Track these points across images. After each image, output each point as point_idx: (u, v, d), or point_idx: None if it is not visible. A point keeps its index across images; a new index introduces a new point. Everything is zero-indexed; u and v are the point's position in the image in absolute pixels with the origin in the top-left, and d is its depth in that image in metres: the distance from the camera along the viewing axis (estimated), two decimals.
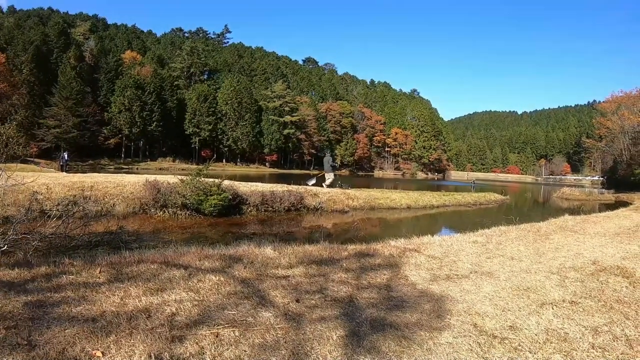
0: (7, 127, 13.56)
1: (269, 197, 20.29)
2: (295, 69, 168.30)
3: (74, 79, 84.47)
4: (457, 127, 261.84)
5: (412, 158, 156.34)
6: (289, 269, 6.43)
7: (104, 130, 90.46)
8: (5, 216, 13.00)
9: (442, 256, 7.85)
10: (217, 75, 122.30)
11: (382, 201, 24.61)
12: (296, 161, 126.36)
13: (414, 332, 4.19)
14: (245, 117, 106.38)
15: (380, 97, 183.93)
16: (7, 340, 3.64)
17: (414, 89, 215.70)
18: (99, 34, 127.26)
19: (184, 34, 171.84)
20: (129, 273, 5.95)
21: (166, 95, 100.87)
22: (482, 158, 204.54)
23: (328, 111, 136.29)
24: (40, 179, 17.94)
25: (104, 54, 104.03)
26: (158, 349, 3.57)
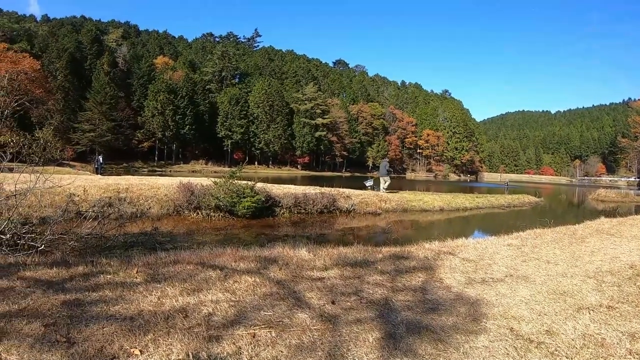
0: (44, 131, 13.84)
1: (302, 199, 20.32)
2: (326, 71, 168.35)
3: (107, 85, 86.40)
4: (489, 127, 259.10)
5: (444, 159, 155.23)
6: (324, 271, 6.43)
7: (138, 134, 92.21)
8: (43, 217, 13.28)
9: (477, 259, 7.78)
10: (248, 78, 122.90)
11: (414, 203, 24.46)
12: (328, 163, 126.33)
13: (450, 335, 4.16)
14: (277, 120, 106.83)
15: (411, 99, 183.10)
16: (46, 337, 3.72)
17: (446, 90, 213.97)
18: (131, 40, 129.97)
19: (214, 38, 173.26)
20: (165, 273, 6.02)
21: (198, 99, 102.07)
22: (515, 159, 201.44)
23: (359, 113, 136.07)
24: (76, 181, 18.27)
25: (137, 60, 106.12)
26: (195, 348, 3.61)
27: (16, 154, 12.51)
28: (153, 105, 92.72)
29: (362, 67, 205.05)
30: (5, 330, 3.85)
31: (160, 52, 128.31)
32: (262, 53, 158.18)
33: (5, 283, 5.32)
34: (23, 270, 6.02)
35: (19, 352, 3.44)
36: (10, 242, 9.74)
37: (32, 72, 66.10)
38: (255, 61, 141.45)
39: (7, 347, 3.50)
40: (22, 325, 3.98)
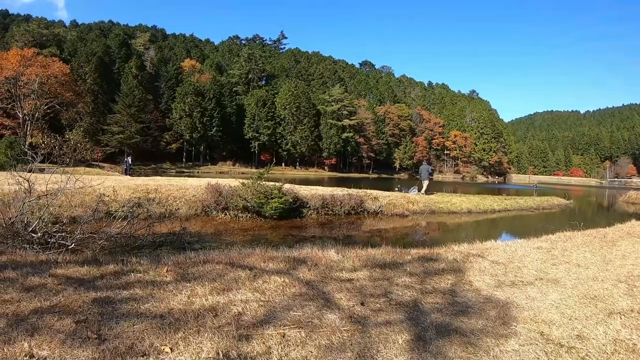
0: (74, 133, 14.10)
1: (329, 201, 20.33)
2: (352, 72, 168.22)
3: (136, 87, 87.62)
4: (517, 128, 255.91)
5: (471, 161, 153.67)
6: (353, 272, 6.44)
7: (166, 136, 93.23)
8: (73, 216, 13.49)
9: (507, 262, 7.73)
10: (275, 80, 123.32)
11: (442, 205, 24.29)
12: (355, 165, 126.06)
13: (479, 339, 4.15)
14: (304, 121, 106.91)
15: (438, 99, 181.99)
16: (77, 334, 3.80)
17: (473, 90, 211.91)
18: (158, 43, 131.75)
19: (241, 41, 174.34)
20: (195, 273, 6.08)
21: (225, 101, 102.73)
22: (544, 160, 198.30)
23: (386, 114, 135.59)
24: (106, 182, 18.56)
25: (164, 63, 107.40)
26: (225, 347, 3.64)
27: (47, 155, 12.76)
28: (181, 107, 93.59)
29: (388, 68, 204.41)
30: (37, 325, 3.94)
31: (187, 55, 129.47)
32: (288, 55, 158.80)
33: (37, 280, 5.44)
34: (54, 267, 6.14)
35: (50, 348, 3.51)
36: (41, 240, 9.95)
37: (61, 75, 67.26)
38: (282, 63, 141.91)
39: (38, 342, 3.58)
40: (53, 321, 4.07)
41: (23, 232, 10.06)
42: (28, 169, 12.15)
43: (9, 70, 61.43)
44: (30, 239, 9.94)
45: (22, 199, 10.88)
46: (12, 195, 11.76)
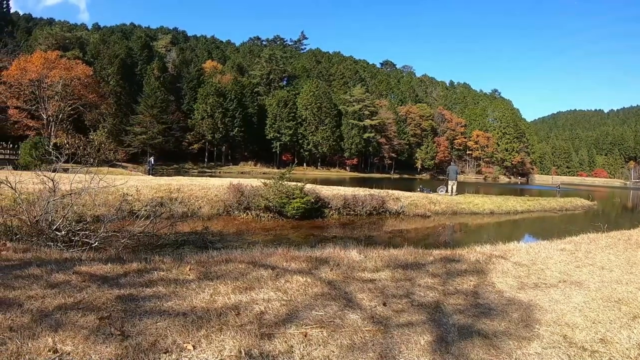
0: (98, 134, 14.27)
1: (351, 201, 20.35)
2: (373, 72, 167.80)
3: (158, 89, 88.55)
4: (540, 127, 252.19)
5: (494, 161, 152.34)
6: (375, 273, 6.42)
7: (188, 136, 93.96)
8: (96, 215, 13.63)
9: (530, 264, 7.66)
10: (296, 80, 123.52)
11: (464, 206, 24.18)
12: (376, 165, 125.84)
13: (502, 341, 4.12)
14: (325, 122, 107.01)
15: (460, 99, 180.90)
16: (101, 330, 3.83)
17: (495, 89, 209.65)
18: (179, 45, 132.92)
19: (261, 42, 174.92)
20: (217, 271, 6.10)
21: (247, 101, 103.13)
22: (567, 161, 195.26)
23: (407, 114, 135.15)
24: (129, 181, 18.68)
25: (186, 64, 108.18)
26: (248, 345, 3.65)
27: (72, 156, 12.93)
28: (203, 108, 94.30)
29: (409, 68, 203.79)
30: (61, 321, 3.98)
31: (208, 56, 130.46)
32: (309, 55, 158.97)
33: (62, 277, 5.51)
34: (78, 265, 6.21)
35: (74, 343, 3.55)
36: (65, 238, 10.10)
37: (85, 77, 67.99)
38: (303, 63, 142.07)
39: (62, 338, 3.62)
40: (77, 317, 4.11)
41: (47, 230, 10.22)
42: (52, 168, 12.33)
43: (33, 73, 62.19)
44: (55, 237, 10.09)
45: (46, 198, 11.04)
46: (37, 195, 11.92)
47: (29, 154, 35.87)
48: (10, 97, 64.32)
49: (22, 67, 63.19)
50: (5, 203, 13.59)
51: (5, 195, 14.38)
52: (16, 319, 4.02)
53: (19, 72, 62.79)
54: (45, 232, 10.16)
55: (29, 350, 3.38)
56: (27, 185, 12.24)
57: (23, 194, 11.74)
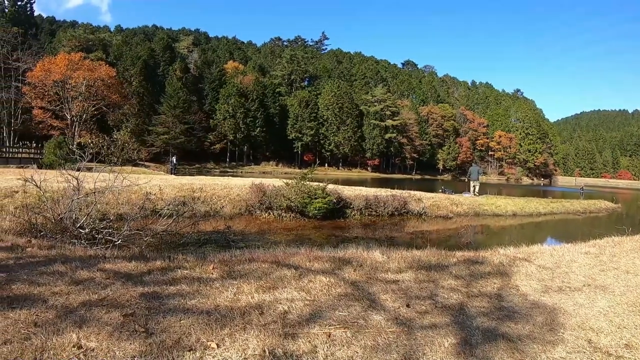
0: (122, 133, 14.45)
1: (373, 201, 20.32)
2: (395, 72, 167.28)
3: (180, 89, 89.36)
4: (563, 128, 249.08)
5: (516, 162, 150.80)
6: (398, 274, 6.41)
7: (210, 136, 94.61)
8: (120, 213, 13.79)
9: (554, 267, 7.58)
10: (317, 81, 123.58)
11: (486, 207, 24.02)
12: (398, 165, 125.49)
13: (526, 345, 4.09)
14: (347, 122, 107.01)
15: (482, 99, 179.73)
16: (125, 327, 3.87)
17: (517, 89, 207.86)
18: (201, 46, 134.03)
19: (282, 42, 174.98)
20: (241, 271, 6.13)
21: (268, 102, 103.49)
22: (590, 162, 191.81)
23: (429, 114, 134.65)
24: (152, 181, 18.87)
25: (208, 65, 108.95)
26: (271, 345, 3.67)
27: (95, 155, 13.08)
28: (224, 108, 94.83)
29: (431, 68, 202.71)
30: (85, 317, 4.04)
31: (230, 57, 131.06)
32: (330, 56, 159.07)
33: (86, 274, 5.59)
34: (103, 262, 6.30)
35: (98, 339, 3.59)
36: (88, 236, 10.25)
37: (108, 78, 68.78)
38: (324, 64, 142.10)
39: (86, 334, 3.67)
40: (101, 314, 4.17)
41: (71, 227, 10.37)
42: (76, 167, 12.47)
43: (57, 74, 63.05)
44: (78, 234, 10.24)
45: (70, 196, 11.19)
46: (61, 193, 12.08)
47: (53, 153, 36.35)
48: (35, 97, 65.60)
49: (46, 69, 64.18)
50: (30, 201, 13.83)
51: (30, 193, 14.62)
52: (41, 314, 4.09)
53: (43, 73, 63.78)
54: (69, 230, 10.30)
55: (54, 346, 3.44)
56: (51, 183, 12.41)
57: (47, 192, 11.91)
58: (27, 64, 67.03)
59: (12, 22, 77.09)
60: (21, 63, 66.86)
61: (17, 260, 6.30)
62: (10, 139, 66.03)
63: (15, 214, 12.84)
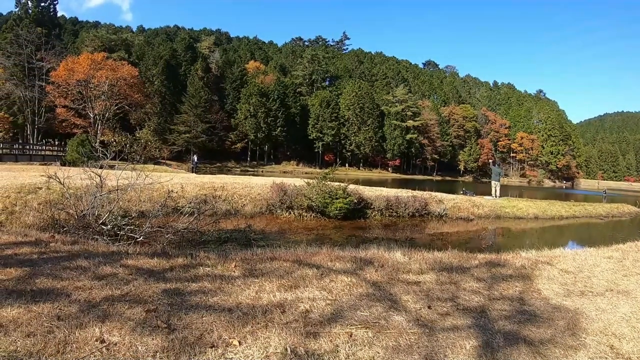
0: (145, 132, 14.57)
1: (394, 202, 20.27)
2: (416, 72, 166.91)
3: (201, 89, 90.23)
4: (586, 130, 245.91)
5: (538, 164, 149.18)
6: (420, 275, 6.40)
7: (231, 135, 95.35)
8: (141, 211, 13.93)
9: (576, 271, 7.50)
10: (338, 81, 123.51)
11: (508, 210, 23.82)
12: (419, 166, 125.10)
13: (547, 349, 4.07)
14: (368, 122, 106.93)
15: (504, 100, 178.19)
16: (147, 322, 3.93)
17: (540, 90, 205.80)
18: (223, 46, 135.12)
19: (303, 42, 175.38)
20: (262, 269, 6.17)
21: (289, 101, 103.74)
22: (614, 165, 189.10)
23: (450, 115, 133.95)
24: (174, 179, 19.01)
25: (229, 65, 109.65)
26: (293, 343, 3.69)
27: (118, 153, 13.22)
28: (246, 108, 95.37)
29: (452, 68, 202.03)
30: (108, 312, 4.12)
31: (251, 57, 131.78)
32: (351, 56, 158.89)
33: (109, 269, 5.68)
34: (125, 258, 6.38)
35: (121, 334, 3.66)
36: (110, 232, 10.41)
37: (130, 78, 69.80)
38: (345, 64, 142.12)
39: (109, 329, 3.74)
40: (124, 309, 4.24)
41: (94, 224, 10.51)
42: (99, 165, 12.62)
43: (81, 74, 64.07)
44: (101, 230, 10.38)
45: (93, 193, 11.35)
46: (84, 190, 12.21)
47: (75, 150, 36.84)
48: (58, 96, 66.93)
49: (70, 68, 65.42)
50: (54, 197, 14.01)
51: (54, 189, 14.82)
52: (64, 308, 4.17)
53: (67, 72, 65.05)
54: (91, 226, 10.44)
55: (77, 339, 3.50)
56: (74, 180, 12.55)
57: (70, 189, 12.05)
58: (51, 63, 68.48)
59: (35, 22, 78.02)
60: (45, 63, 68.37)
61: (40, 255, 6.40)
62: (33, 136, 67.37)
63: (39, 210, 13.04)
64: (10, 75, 67.21)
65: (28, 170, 23.60)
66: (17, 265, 5.60)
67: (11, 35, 71.26)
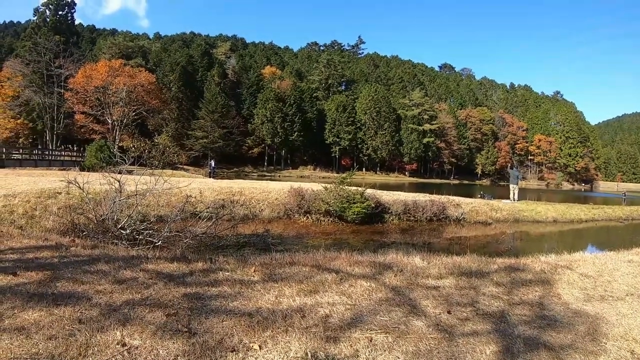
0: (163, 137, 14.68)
1: (411, 206, 20.23)
2: (432, 75, 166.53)
3: (218, 94, 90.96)
4: (605, 131, 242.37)
5: (556, 167, 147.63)
6: (439, 280, 6.39)
7: (248, 140, 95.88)
8: (160, 215, 14.05)
9: (596, 275, 7.42)
10: (354, 85, 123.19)
11: (526, 213, 23.66)
12: (436, 170, 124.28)
13: (568, 354, 4.06)
14: (384, 126, 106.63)
15: (521, 102, 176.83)
16: (168, 326, 3.98)
17: (557, 91, 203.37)
18: (239, 52, 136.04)
19: (319, 47, 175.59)
20: (282, 274, 6.21)
21: (306, 106, 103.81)
22: (633, 166, 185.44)
23: (467, 118, 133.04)
24: (192, 184, 19.11)
25: (245, 70, 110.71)
26: (313, 348, 3.71)
27: (137, 158, 13.33)
28: (262, 113, 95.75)
29: (468, 70, 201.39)
30: (128, 316, 4.18)
31: (267, 62, 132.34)
32: (366, 60, 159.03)
33: (129, 273, 5.78)
34: (145, 262, 6.51)
35: (142, 338, 3.71)
36: (129, 236, 10.51)
37: (147, 84, 70.39)
38: (361, 68, 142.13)
39: (130, 332, 3.80)
40: (144, 313, 4.31)
41: (113, 228, 10.63)
42: (117, 170, 12.75)
43: (99, 80, 64.80)
44: (120, 235, 10.48)
45: (112, 198, 11.48)
46: (103, 195, 12.34)
47: (94, 156, 37.32)
48: (77, 102, 67.84)
49: (88, 75, 66.26)
50: (73, 202, 14.17)
51: (73, 194, 14.99)
52: (85, 312, 4.24)
53: (85, 79, 65.89)
54: (111, 230, 10.55)
55: (98, 343, 3.57)
56: (93, 185, 12.70)
57: (90, 193, 12.18)
58: (69, 70, 69.41)
59: (53, 30, 79.14)
60: (63, 70, 69.34)
61: (61, 259, 6.50)
62: (52, 142, 68.29)
63: (59, 214, 13.19)
64: (30, 82, 68.28)
65: (47, 176, 23.90)
66: (38, 269, 5.70)
67: (30, 43, 72.59)
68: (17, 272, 5.43)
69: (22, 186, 17.03)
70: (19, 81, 67.80)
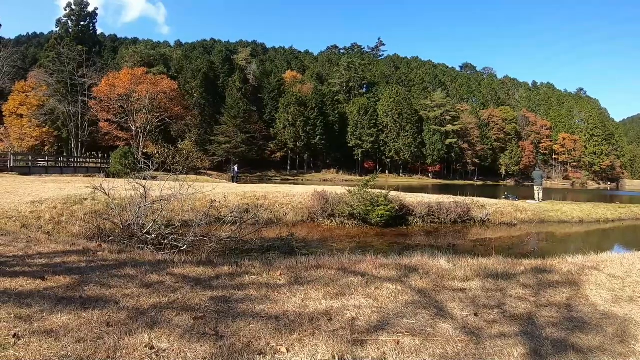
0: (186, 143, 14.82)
1: (436, 208, 20.15)
2: (453, 76, 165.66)
3: (240, 100, 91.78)
4: (630, 128, 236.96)
5: (581, 166, 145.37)
6: (465, 282, 6.36)
7: (270, 145, 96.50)
8: (184, 220, 14.15)
9: (624, 276, 7.30)
10: (376, 87, 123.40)
11: (552, 214, 23.39)
12: (459, 171, 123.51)
13: (596, 356, 4.01)
14: (407, 128, 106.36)
15: (544, 100, 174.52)
16: (196, 329, 4.04)
17: (580, 88, 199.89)
18: (259, 57, 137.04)
19: (339, 50, 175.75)
20: (307, 277, 6.26)
21: (327, 109, 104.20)
22: None
23: (490, 118, 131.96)
24: (216, 189, 19.24)
25: (266, 75, 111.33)
26: (340, 351, 3.71)
27: (161, 164, 13.46)
28: (284, 117, 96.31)
29: (490, 69, 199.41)
30: (156, 319, 4.26)
31: (288, 67, 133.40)
32: (387, 62, 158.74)
33: (156, 277, 5.89)
34: (171, 267, 6.61)
35: (170, 341, 3.77)
36: (155, 241, 10.63)
37: (170, 91, 71.11)
38: (381, 70, 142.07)
39: (158, 335, 3.86)
40: (172, 316, 4.39)
41: (139, 233, 10.75)
42: (142, 176, 12.88)
43: (122, 88, 65.66)
44: (145, 239, 10.60)
45: (138, 203, 11.60)
46: (128, 200, 12.47)
47: (119, 162, 37.81)
48: (101, 111, 68.96)
49: (111, 84, 67.22)
50: (99, 208, 14.35)
51: (99, 200, 15.21)
52: (113, 315, 4.34)
53: (108, 88, 66.87)
54: (136, 235, 10.67)
55: (126, 345, 3.64)
56: (119, 191, 12.83)
57: (115, 199, 12.31)
58: (92, 79, 70.85)
59: (76, 40, 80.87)
60: (86, 79, 70.78)
61: (89, 263, 6.61)
62: (77, 149, 69.39)
63: (85, 220, 13.37)
64: (54, 91, 69.92)
65: (73, 182, 24.26)
66: (66, 273, 5.81)
67: (53, 53, 74.20)
68: (46, 277, 5.56)
69: (48, 193, 17.33)
70: (43, 91, 69.48)
